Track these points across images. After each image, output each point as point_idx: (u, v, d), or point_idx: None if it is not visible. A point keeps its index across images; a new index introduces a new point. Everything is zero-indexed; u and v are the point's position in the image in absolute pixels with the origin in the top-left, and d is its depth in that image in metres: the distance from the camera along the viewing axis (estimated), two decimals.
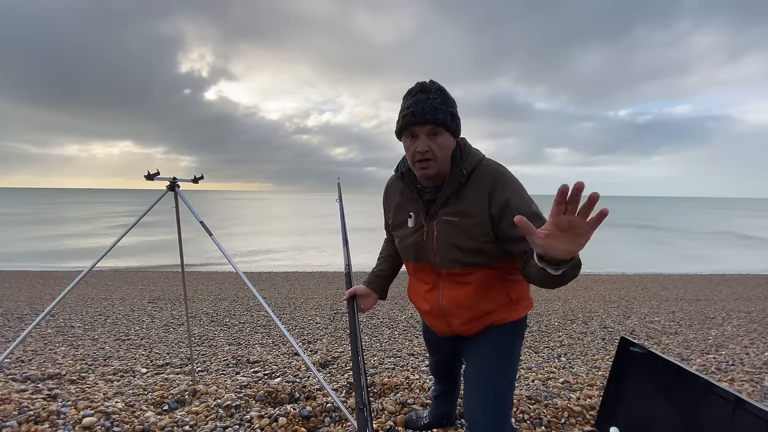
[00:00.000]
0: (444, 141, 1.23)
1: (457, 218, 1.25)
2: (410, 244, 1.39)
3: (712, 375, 3.06)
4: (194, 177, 2.16)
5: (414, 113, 1.20)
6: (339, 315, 5.78)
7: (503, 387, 1.35)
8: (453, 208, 1.26)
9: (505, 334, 1.38)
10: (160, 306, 6.29)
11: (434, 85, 1.25)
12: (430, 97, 1.21)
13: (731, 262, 14.78)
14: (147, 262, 13.43)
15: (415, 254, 1.39)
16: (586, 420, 2.11)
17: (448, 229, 1.27)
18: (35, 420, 1.87)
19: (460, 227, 1.25)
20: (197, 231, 2.23)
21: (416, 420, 2.00)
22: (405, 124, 1.23)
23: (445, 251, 1.29)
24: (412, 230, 1.37)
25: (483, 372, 1.37)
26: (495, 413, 1.31)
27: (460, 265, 1.29)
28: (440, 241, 1.29)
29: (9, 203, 63.95)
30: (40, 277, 9.43)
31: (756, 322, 5.53)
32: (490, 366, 1.36)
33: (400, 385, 2.48)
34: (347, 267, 1.66)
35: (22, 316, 5.37)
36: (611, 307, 6.54)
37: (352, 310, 1.48)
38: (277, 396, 2.31)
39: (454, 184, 1.25)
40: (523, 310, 1.40)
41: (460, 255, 1.27)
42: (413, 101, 1.22)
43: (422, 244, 1.35)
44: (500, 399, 1.34)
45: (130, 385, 2.59)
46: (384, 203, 1.54)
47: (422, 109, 1.19)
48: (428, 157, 1.22)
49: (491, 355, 1.37)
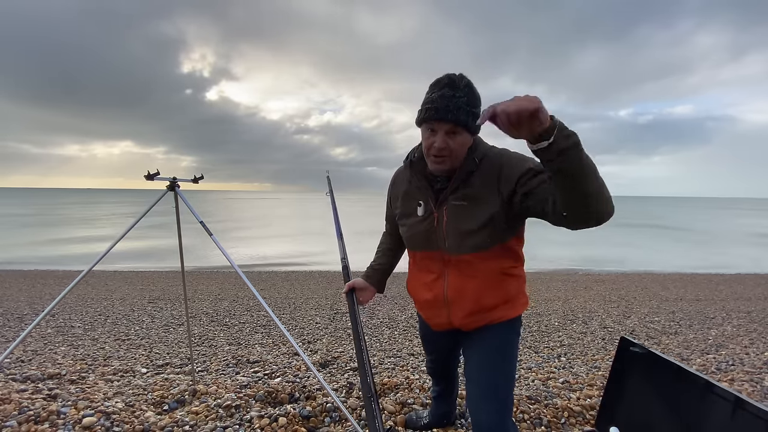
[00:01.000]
0: (462, 140, 1.24)
1: (466, 202, 1.28)
2: (420, 232, 1.39)
3: (712, 375, 3.06)
4: (194, 177, 2.16)
5: (438, 109, 1.19)
6: (339, 315, 5.79)
7: (505, 385, 1.36)
8: (461, 193, 1.28)
9: (504, 332, 1.39)
10: (160, 306, 6.29)
11: (463, 80, 1.22)
12: (456, 95, 1.19)
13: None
14: (147, 262, 13.43)
15: (424, 242, 1.39)
16: (586, 420, 2.11)
17: (457, 213, 1.29)
18: (35, 420, 1.87)
19: (467, 210, 1.28)
20: (198, 231, 2.23)
21: (416, 420, 2.00)
22: (426, 117, 1.22)
23: (454, 235, 1.31)
24: (422, 218, 1.38)
25: (485, 371, 1.37)
26: (498, 413, 1.32)
27: (468, 249, 1.30)
28: (450, 226, 1.31)
29: (10, 203, 63.95)
30: (40, 277, 9.43)
31: (756, 322, 5.53)
32: (491, 364, 1.37)
33: (400, 385, 2.48)
34: (344, 260, 1.69)
35: (22, 316, 5.37)
36: (611, 307, 6.54)
37: (352, 302, 1.52)
38: (277, 396, 2.31)
39: (465, 171, 1.27)
40: (520, 307, 1.41)
41: (467, 238, 1.29)
42: (439, 96, 1.19)
43: (432, 230, 1.36)
44: (502, 397, 1.34)
45: (130, 385, 2.59)
46: (390, 193, 1.55)
47: (446, 106, 1.18)
48: (444, 154, 1.23)
49: (492, 352, 1.38)
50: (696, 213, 60.82)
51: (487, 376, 1.36)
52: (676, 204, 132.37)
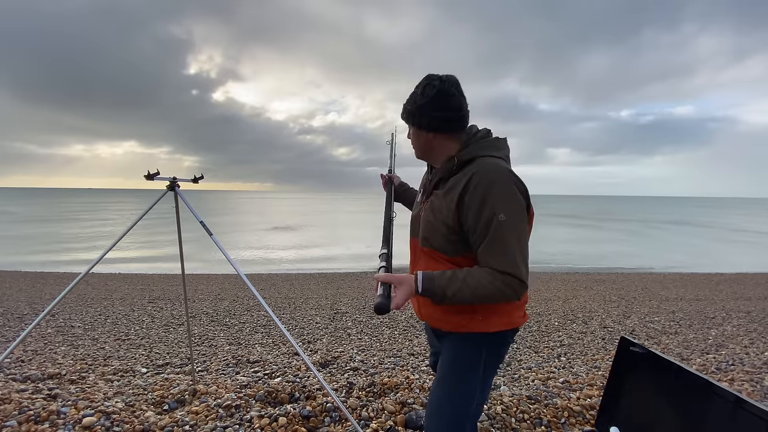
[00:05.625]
0: (413, 136, 1.36)
1: (437, 200, 1.30)
2: (413, 217, 1.48)
3: (712, 375, 3.06)
4: (194, 177, 2.16)
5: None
6: (339, 315, 5.79)
7: (454, 400, 1.29)
8: (439, 191, 1.31)
9: (464, 344, 1.30)
10: (160, 306, 6.29)
11: (427, 80, 1.29)
12: (410, 97, 1.32)
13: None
14: (147, 262, 13.43)
15: (412, 227, 1.46)
16: (586, 420, 2.11)
17: (432, 208, 1.32)
18: (35, 420, 1.87)
19: (436, 209, 1.29)
20: (198, 232, 2.23)
21: (416, 419, 2.00)
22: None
23: (423, 228, 1.35)
24: (418, 204, 1.46)
25: (437, 382, 1.34)
26: (442, 429, 1.29)
27: (428, 245, 1.32)
28: (424, 218, 1.35)
29: (11, 203, 63.92)
30: (40, 277, 9.43)
31: (756, 322, 5.53)
32: (441, 380, 1.33)
33: (400, 384, 2.48)
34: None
35: (22, 316, 5.37)
36: (611, 307, 6.54)
37: (390, 189, 1.71)
38: (277, 396, 2.31)
39: (444, 169, 1.30)
40: (494, 325, 1.27)
41: (429, 234, 1.31)
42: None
43: (417, 218, 1.41)
44: (448, 413, 1.29)
45: (130, 384, 2.59)
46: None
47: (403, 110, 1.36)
48: (413, 146, 1.39)
49: (446, 365, 1.34)
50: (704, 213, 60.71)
51: (436, 388, 1.34)
52: (681, 204, 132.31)
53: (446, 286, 1.13)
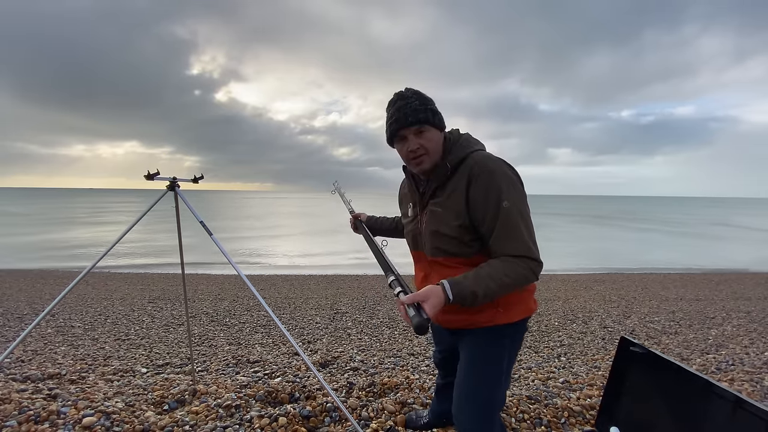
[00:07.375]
0: (431, 135, 1.31)
1: (440, 209, 1.32)
2: (409, 232, 1.49)
3: (712, 375, 3.06)
4: (194, 177, 2.16)
5: (398, 119, 1.30)
6: (339, 315, 5.79)
7: (484, 390, 1.36)
8: (438, 199, 1.34)
9: (488, 337, 1.36)
10: (160, 306, 6.29)
11: (409, 90, 1.33)
12: (408, 102, 1.29)
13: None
14: (147, 262, 13.43)
15: (413, 242, 1.49)
16: (586, 420, 2.11)
17: (433, 218, 1.35)
18: (35, 420, 1.87)
19: (441, 217, 1.32)
20: (198, 231, 2.23)
21: (416, 419, 2.00)
22: (393, 131, 1.32)
23: (429, 239, 1.37)
24: (411, 219, 1.47)
25: (466, 375, 1.38)
26: (477, 418, 1.34)
27: (442, 254, 1.35)
28: (427, 230, 1.37)
29: (12, 203, 63.93)
30: (40, 277, 9.43)
31: (756, 322, 5.53)
32: (471, 369, 1.38)
33: (400, 384, 2.48)
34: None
35: (22, 316, 5.37)
36: (611, 307, 6.54)
37: (363, 228, 1.73)
38: (277, 396, 2.31)
39: (439, 176, 1.32)
40: (515, 314, 1.35)
41: (440, 243, 1.34)
42: (395, 109, 1.31)
43: (417, 232, 1.43)
44: (481, 402, 1.35)
45: (130, 384, 2.59)
46: (398, 196, 1.66)
47: (405, 114, 1.29)
48: (420, 153, 1.31)
49: (474, 357, 1.38)
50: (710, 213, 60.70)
51: (465, 385, 1.37)
52: (682, 204, 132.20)
53: (475, 287, 1.14)
